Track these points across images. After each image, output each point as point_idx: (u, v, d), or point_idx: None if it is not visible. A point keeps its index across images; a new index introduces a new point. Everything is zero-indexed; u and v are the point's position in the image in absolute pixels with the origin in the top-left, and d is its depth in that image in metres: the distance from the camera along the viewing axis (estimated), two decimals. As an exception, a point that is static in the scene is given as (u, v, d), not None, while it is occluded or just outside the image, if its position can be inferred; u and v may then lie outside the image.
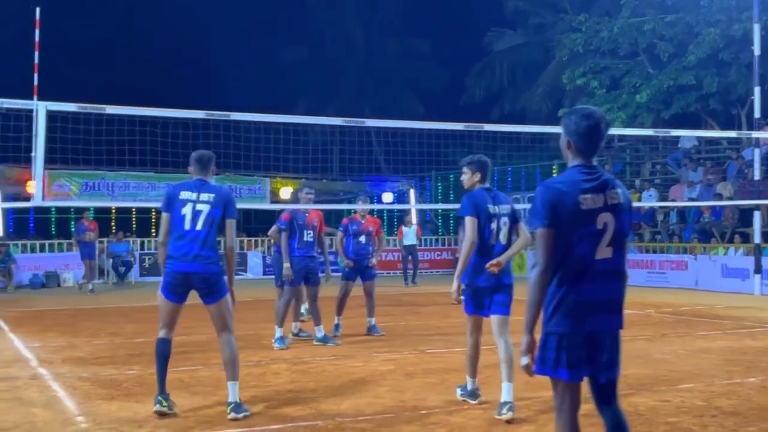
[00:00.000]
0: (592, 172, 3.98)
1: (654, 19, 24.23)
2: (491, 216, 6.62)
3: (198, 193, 6.57)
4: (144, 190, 25.41)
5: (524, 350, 3.98)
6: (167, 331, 6.68)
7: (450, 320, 13.49)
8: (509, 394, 6.40)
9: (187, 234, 6.50)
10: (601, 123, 4.01)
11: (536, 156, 27.59)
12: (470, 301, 6.67)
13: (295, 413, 6.65)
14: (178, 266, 6.50)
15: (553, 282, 3.89)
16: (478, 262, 6.57)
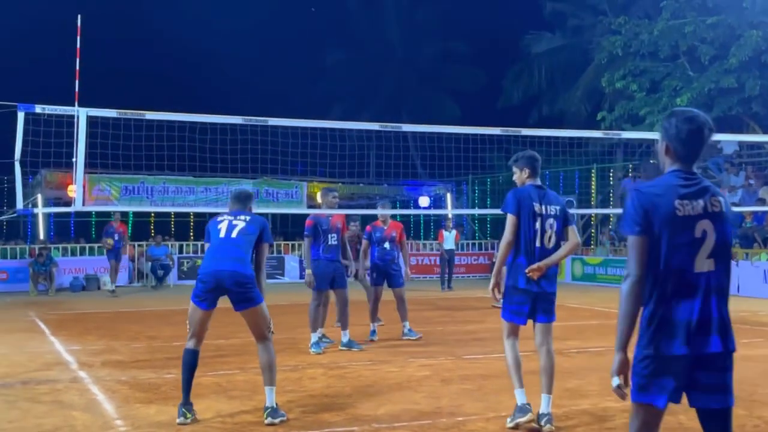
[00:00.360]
0: (690, 177, 3.70)
1: (695, 21, 23.92)
2: (536, 215, 6.21)
3: (235, 217, 6.81)
4: (183, 194, 25.63)
5: (615, 370, 3.70)
6: (196, 341, 6.71)
7: (487, 325, 13.41)
8: (548, 405, 6.22)
9: (221, 240, 6.64)
10: (705, 128, 3.74)
11: (575, 160, 27.37)
12: (507, 306, 6.34)
13: (331, 418, 6.65)
14: (209, 266, 6.58)
15: (647, 297, 3.59)
16: (519, 264, 6.21)
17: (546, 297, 6.29)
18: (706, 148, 3.83)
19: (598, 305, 16.83)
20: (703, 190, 3.68)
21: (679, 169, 3.73)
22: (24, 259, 22.66)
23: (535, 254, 6.19)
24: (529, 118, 34.24)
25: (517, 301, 6.26)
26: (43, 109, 8.89)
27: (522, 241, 6.20)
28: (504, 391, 7.68)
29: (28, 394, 7.78)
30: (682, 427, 6.27)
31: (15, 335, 12.49)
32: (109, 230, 21.15)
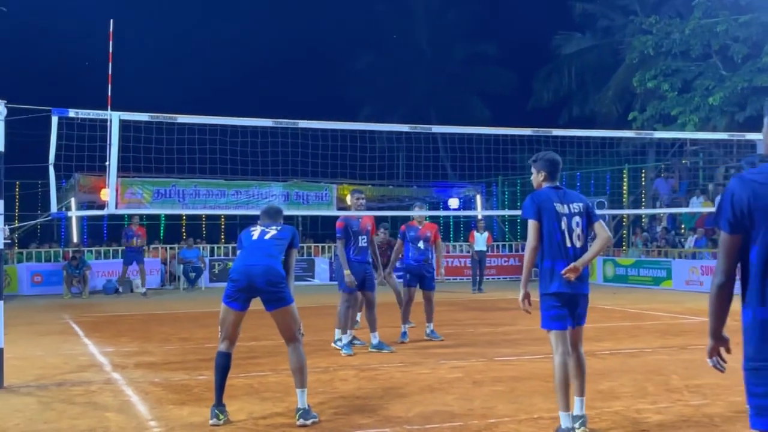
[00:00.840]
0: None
1: (727, 20, 23.66)
2: (559, 215, 5.98)
3: (267, 226, 6.96)
4: (214, 197, 25.77)
5: (707, 353, 3.48)
6: (228, 344, 6.75)
7: (518, 327, 13.35)
8: (582, 408, 6.09)
9: (254, 242, 6.75)
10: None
11: (606, 161, 27.18)
12: (544, 313, 6.05)
13: (363, 420, 6.65)
14: (241, 263, 6.67)
15: (748, 299, 3.19)
16: (546, 268, 6.01)
17: (580, 299, 6.09)
18: None
19: (629, 307, 16.69)
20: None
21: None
22: (58, 262, 22.93)
23: (569, 255, 5.96)
24: (559, 119, 34.09)
25: (553, 306, 6.01)
26: (77, 113, 8.98)
27: (548, 245, 5.98)
28: (536, 393, 7.65)
29: (63, 395, 7.86)
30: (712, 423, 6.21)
31: (50, 337, 12.63)
32: (128, 233, 21.71)
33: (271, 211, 7.26)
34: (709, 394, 7.50)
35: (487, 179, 28.72)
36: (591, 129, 22.62)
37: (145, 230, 22.52)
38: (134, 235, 21.43)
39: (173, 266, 24.06)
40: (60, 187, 19.12)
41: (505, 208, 31.82)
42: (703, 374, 8.57)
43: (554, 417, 6.59)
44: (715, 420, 6.52)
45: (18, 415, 6.97)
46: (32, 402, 7.54)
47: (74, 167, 10.47)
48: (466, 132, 12.84)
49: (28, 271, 22.36)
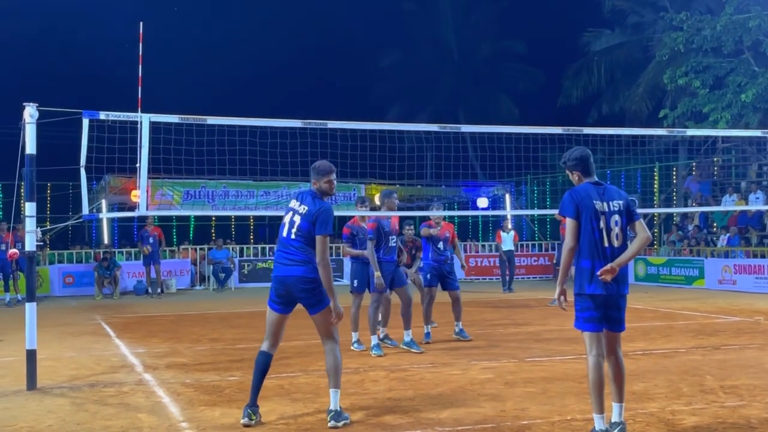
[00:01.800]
0: None
1: (760, 15, 23.35)
2: (598, 213, 5.81)
3: (300, 203, 6.72)
4: (243, 198, 25.87)
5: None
6: (269, 344, 6.75)
7: (549, 327, 13.26)
8: (620, 414, 5.90)
9: (283, 240, 6.70)
10: None
11: (637, 159, 26.94)
12: (578, 314, 5.92)
13: (394, 421, 6.61)
14: (276, 271, 6.68)
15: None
16: (582, 268, 5.83)
17: (617, 301, 5.92)
18: None
19: (662, 307, 16.51)
20: None
21: None
22: (89, 263, 23.11)
23: (606, 255, 5.80)
24: (588, 116, 33.80)
25: (587, 307, 5.87)
26: (107, 115, 9.03)
27: (586, 243, 5.81)
28: (569, 394, 7.58)
29: (96, 396, 7.90)
30: (749, 425, 6.11)
31: (81, 338, 12.72)
32: (143, 235, 21.57)
33: (321, 169, 6.84)
34: (745, 395, 7.39)
35: (517, 178, 28.58)
36: (621, 127, 22.47)
37: (160, 230, 22.40)
38: (150, 236, 21.34)
39: (203, 267, 24.18)
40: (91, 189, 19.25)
41: (535, 207, 31.66)
42: (738, 375, 8.45)
43: (587, 419, 6.52)
44: (752, 422, 6.41)
45: (51, 416, 7.01)
46: (65, 403, 7.58)
47: (105, 169, 10.54)
48: (494, 131, 12.75)
49: (60, 273, 22.56)
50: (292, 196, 6.95)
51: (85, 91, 30.49)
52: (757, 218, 23.03)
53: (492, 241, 27.90)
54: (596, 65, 34.24)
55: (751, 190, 23.35)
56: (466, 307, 12.05)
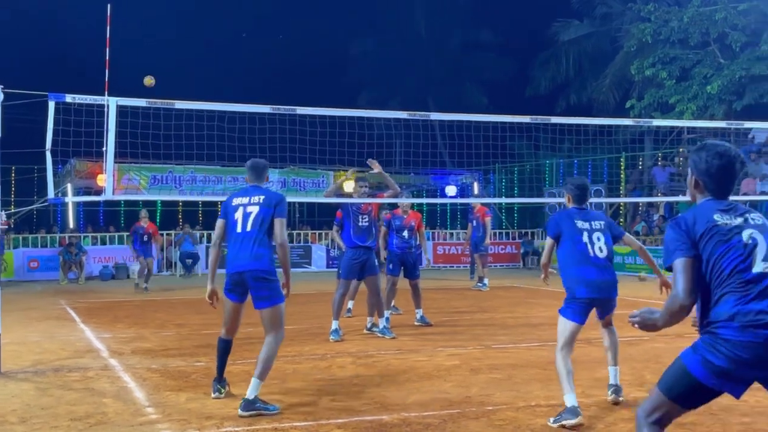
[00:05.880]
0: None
1: (726, 8, 23.64)
2: (580, 230, 6.53)
3: (249, 197, 6.76)
4: (210, 184, 25.76)
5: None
6: (226, 331, 6.95)
7: (515, 314, 13.38)
8: (616, 377, 6.76)
9: (239, 236, 6.67)
10: (736, 162, 3.77)
11: (604, 149, 27.17)
12: (569, 307, 6.47)
13: (361, 407, 6.64)
14: (233, 267, 6.67)
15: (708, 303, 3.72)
16: (570, 274, 6.49)
17: (607, 302, 6.64)
18: (735, 182, 3.83)
19: (627, 295, 16.69)
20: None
21: (712, 198, 3.79)
22: (54, 248, 22.92)
23: (593, 262, 6.45)
24: (556, 106, 34.00)
25: (577, 309, 6.46)
26: (74, 98, 8.94)
27: (575, 254, 6.48)
28: (534, 380, 7.66)
29: (60, 381, 7.86)
30: (709, 411, 6.21)
31: (46, 323, 12.62)
32: (138, 230, 19.02)
33: (258, 167, 6.99)
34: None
35: (485, 167, 28.68)
36: (589, 117, 22.60)
37: (155, 227, 19.91)
38: (145, 233, 18.82)
39: (170, 253, 24.04)
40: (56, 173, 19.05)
41: (503, 195, 31.81)
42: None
43: (552, 405, 6.61)
44: (713, 408, 6.52)
45: (15, 400, 6.96)
46: (29, 388, 7.53)
47: (71, 153, 10.45)
48: (464, 119, 12.79)
49: (25, 257, 22.35)
50: (234, 196, 6.91)
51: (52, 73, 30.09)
52: (721, 209, 23.29)
53: (461, 229, 28.03)
54: (564, 55, 34.45)
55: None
56: (434, 294, 12.15)
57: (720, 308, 3.56)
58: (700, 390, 3.58)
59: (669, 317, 3.68)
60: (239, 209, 6.72)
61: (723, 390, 3.57)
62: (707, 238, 3.61)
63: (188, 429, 6.02)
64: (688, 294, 3.60)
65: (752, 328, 3.47)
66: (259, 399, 6.44)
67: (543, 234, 28.29)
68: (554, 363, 6.40)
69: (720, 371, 3.51)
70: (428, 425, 6.07)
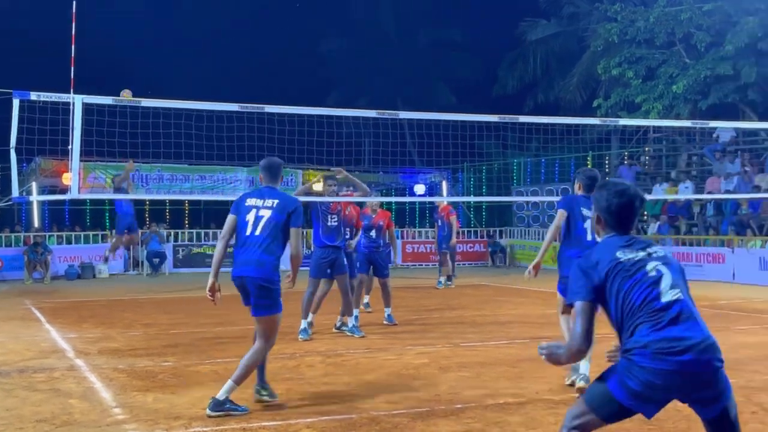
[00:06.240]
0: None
1: (691, 8, 23.90)
2: (585, 217, 7.28)
3: (263, 199, 6.60)
4: (178, 182, 25.59)
5: None
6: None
7: (483, 312, 13.43)
8: (587, 368, 7.03)
9: (246, 239, 6.52)
10: (635, 200, 3.96)
11: (571, 147, 27.36)
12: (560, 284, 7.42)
13: (330, 406, 6.63)
14: (236, 270, 6.53)
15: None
16: (568, 257, 7.23)
17: None
18: (636, 218, 4.05)
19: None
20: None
21: (615, 234, 3.98)
22: (19, 247, 22.61)
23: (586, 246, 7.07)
24: (524, 105, 34.16)
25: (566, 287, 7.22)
26: (39, 96, 8.84)
27: (568, 235, 7.38)
28: (502, 378, 7.71)
29: (25, 382, 7.76)
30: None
31: (11, 323, 12.46)
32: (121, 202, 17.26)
33: (273, 167, 6.81)
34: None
35: (454, 165, 28.77)
36: (556, 116, 22.78)
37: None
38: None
39: (136, 252, 23.84)
40: (21, 171, 18.84)
41: (471, 194, 31.91)
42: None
43: (520, 402, 6.66)
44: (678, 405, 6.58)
45: (-21, 402, 6.86)
46: (-7, 389, 7.43)
47: (36, 151, 10.33)
48: (432, 118, 12.84)
49: (-12, 257, 22.04)
50: (247, 195, 6.75)
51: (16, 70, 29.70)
52: (686, 207, 23.61)
53: (429, 227, 28.09)
54: (532, 55, 34.63)
55: (680, 180, 23.91)
56: (403, 292, 12.17)
57: (635, 336, 3.74)
58: (616, 406, 3.75)
59: (568, 356, 3.91)
60: (252, 211, 6.55)
61: (635, 410, 3.75)
62: (613, 275, 3.79)
63: (156, 429, 5.98)
64: (584, 338, 3.82)
65: (663, 355, 3.63)
66: (229, 400, 6.37)
67: (511, 232, 28.48)
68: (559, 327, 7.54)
69: (635, 394, 3.68)
70: (397, 424, 6.08)
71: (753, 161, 22.50)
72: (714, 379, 3.69)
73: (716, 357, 3.70)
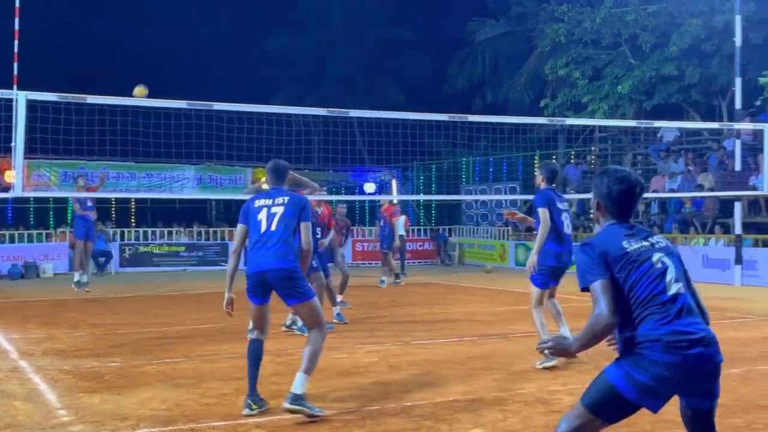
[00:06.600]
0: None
1: (636, 10, 24.28)
2: (560, 210, 8.32)
3: (273, 199, 6.61)
4: (124, 180, 25.28)
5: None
6: (258, 332, 6.66)
7: (433, 310, 13.49)
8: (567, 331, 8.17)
9: (263, 236, 6.49)
10: (636, 187, 3.93)
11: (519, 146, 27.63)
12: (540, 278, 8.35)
13: (279, 406, 6.59)
14: (255, 266, 6.47)
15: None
16: (548, 248, 8.25)
17: (563, 270, 8.45)
18: (636, 205, 4.05)
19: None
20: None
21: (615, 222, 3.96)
22: (-40, 246, 22.12)
23: (564, 239, 8.37)
24: (473, 105, 34.36)
25: (545, 277, 8.41)
26: (-20, 92, 8.65)
27: (551, 230, 8.23)
28: (452, 376, 7.76)
29: (-33, 384, 7.59)
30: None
31: (-49, 324, 12.17)
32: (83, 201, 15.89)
33: (279, 169, 6.82)
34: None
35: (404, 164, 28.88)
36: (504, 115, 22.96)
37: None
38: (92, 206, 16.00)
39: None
40: (-38, 169, 18.42)
41: (421, 192, 32.04)
42: (612, 355, 8.80)
43: (469, 399, 6.71)
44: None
45: None
46: (-67, 392, 7.26)
47: (-23, 148, 10.09)
48: (382, 117, 12.85)
49: (-72, 256, 21.52)
50: (254, 199, 6.71)
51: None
52: (631, 206, 23.93)
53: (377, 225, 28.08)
54: (481, 54, 34.88)
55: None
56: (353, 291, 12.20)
57: (642, 329, 3.70)
58: (621, 403, 3.69)
59: (591, 337, 3.77)
60: (263, 210, 6.55)
61: (642, 404, 3.69)
62: (620, 264, 3.76)
63: (102, 430, 5.90)
64: (612, 313, 3.70)
65: (675, 348, 3.62)
66: (306, 396, 6.30)
67: (460, 231, 28.66)
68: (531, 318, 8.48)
69: (643, 387, 3.64)
70: (347, 422, 6.08)
71: (696, 161, 22.93)
72: (717, 373, 3.73)
73: (719, 351, 3.73)
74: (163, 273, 23.04)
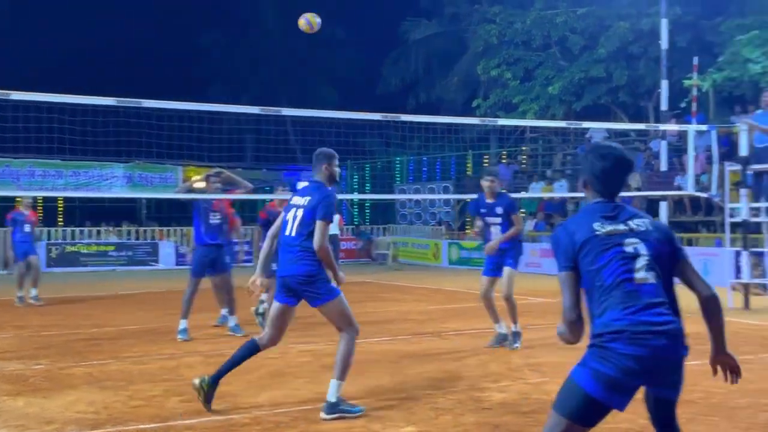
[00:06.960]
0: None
1: (566, 12, 24.69)
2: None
3: (303, 197, 6.51)
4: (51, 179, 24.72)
5: None
6: (267, 336, 6.51)
7: (365, 309, 13.48)
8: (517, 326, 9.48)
9: (284, 240, 6.46)
10: (620, 163, 3.82)
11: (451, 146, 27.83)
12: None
13: (210, 407, 6.51)
14: (280, 271, 6.45)
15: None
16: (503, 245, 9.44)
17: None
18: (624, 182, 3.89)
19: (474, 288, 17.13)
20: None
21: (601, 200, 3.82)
22: None
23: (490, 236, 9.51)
24: (406, 104, 34.47)
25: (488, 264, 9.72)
26: None
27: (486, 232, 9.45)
28: (385, 374, 7.77)
29: None
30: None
31: None
32: (17, 218, 15.20)
33: (314, 157, 6.81)
34: (549, 372, 7.81)
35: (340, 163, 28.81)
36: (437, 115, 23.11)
37: (37, 216, 17.14)
38: (26, 221, 15.17)
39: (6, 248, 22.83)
40: None
41: (354, 191, 32.05)
42: (543, 353, 8.94)
43: (401, 398, 6.72)
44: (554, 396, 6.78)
45: None
46: None
47: None
48: (315, 115, 12.79)
49: None
50: (294, 193, 6.66)
51: None
52: (561, 205, 24.38)
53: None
54: (414, 54, 35.01)
55: (555, 179, 24.65)
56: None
57: (606, 319, 3.58)
58: (592, 404, 3.55)
59: (565, 331, 3.68)
60: (292, 210, 6.48)
61: (610, 404, 3.55)
62: (587, 248, 3.64)
63: (27, 435, 5.75)
64: (572, 308, 3.63)
65: (640, 339, 3.52)
66: (342, 400, 6.21)
67: (394, 230, 28.75)
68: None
69: (609, 381, 3.50)
70: (279, 423, 6.04)
71: (624, 161, 23.41)
72: (681, 364, 3.61)
73: (683, 343, 3.61)
74: (91, 273, 22.58)
